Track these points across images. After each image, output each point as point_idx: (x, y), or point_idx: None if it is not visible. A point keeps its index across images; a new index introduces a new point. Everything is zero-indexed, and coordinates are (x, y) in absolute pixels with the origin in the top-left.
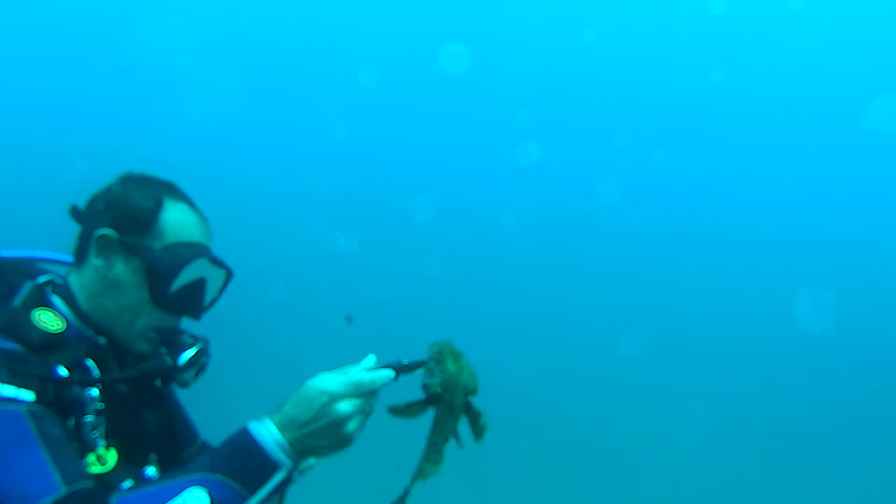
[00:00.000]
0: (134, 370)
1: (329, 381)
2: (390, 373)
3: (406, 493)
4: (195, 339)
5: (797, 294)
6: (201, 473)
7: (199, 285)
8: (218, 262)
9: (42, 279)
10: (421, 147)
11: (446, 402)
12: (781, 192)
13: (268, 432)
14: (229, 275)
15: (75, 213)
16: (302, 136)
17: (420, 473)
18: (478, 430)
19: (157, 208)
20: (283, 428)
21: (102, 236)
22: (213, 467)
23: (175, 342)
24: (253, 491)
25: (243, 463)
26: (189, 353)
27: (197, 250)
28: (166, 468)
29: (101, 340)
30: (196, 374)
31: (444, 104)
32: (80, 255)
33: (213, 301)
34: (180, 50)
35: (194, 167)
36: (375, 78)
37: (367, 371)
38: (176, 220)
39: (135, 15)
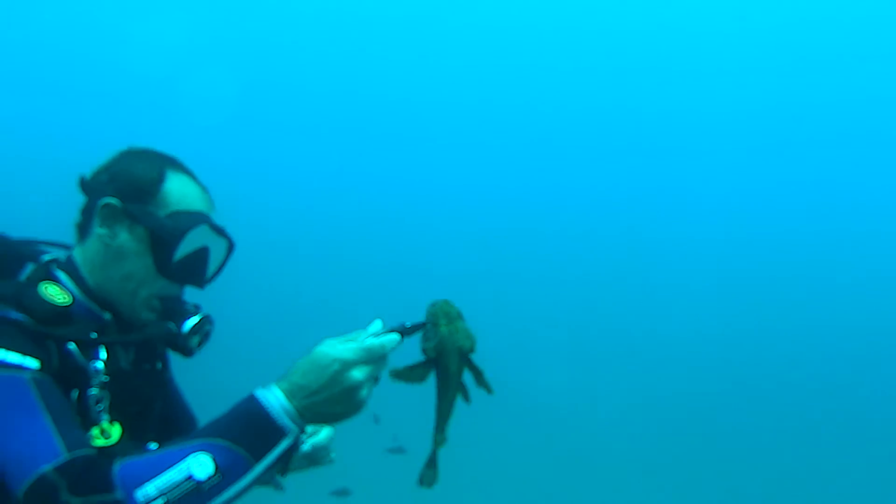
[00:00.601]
0: (138, 334)
1: (341, 349)
2: (397, 336)
3: (434, 458)
4: (198, 308)
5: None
6: (206, 439)
7: (202, 254)
8: (220, 231)
9: (46, 257)
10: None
11: (441, 367)
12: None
13: (275, 398)
14: (231, 246)
15: (82, 184)
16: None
17: (437, 443)
18: (484, 386)
19: (161, 178)
20: (290, 395)
21: (107, 205)
22: (219, 433)
23: (178, 311)
24: (259, 457)
25: (249, 429)
26: (193, 321)
27: (200, 218)
28: None
29: (107, 316)
30: (200, 343)
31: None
32: (84, 227)
33: (217, 272)
34: (172, 58)
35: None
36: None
37: (375, 336)
38: (179, 190)
39: (130, 22)
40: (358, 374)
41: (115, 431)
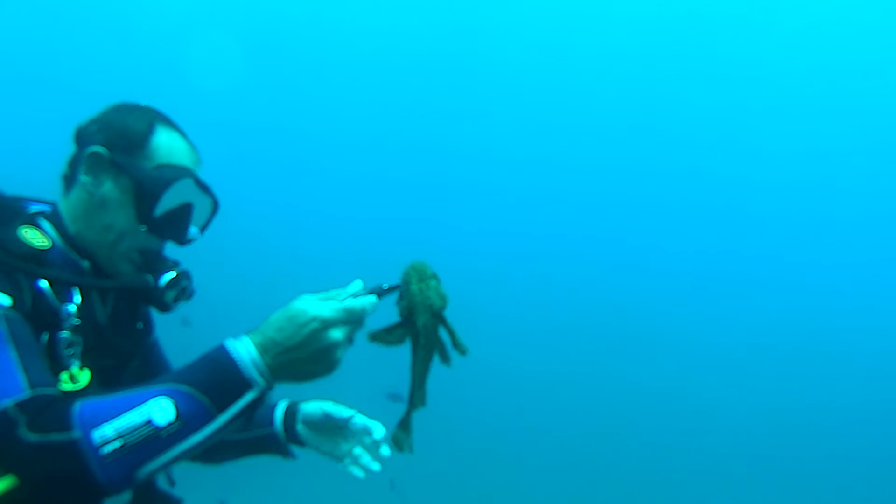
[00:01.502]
0: (113, 282)
1: (321, 307)
2: (374, 299)
3: (407, 420)
4: (178, 264)
5: None
6: (171, 384)
7: (185, 209)
8: (205, 188)
9: (34, 209)
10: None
11: (413, 325)
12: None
13: (245, 350)
14: (216, 205)
15: (77, 134)
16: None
17: (412, 404)
18: (458, 346)
19: (150, 131)
20: (263, 350)
21: (93, 153)
22: (184, 379)
23: (157, 265)
24: (222, 408)
25: (215, 378)
26: (170, 275)
27: (184, 172)
28: None
29: (85, 265)
30: (176, 299)
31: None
32: (71, 178)
33: (200, 231)
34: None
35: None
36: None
37: (355, 297)
38: (167, 144)
39: None
40: (337, 334)
41: (84, 377)
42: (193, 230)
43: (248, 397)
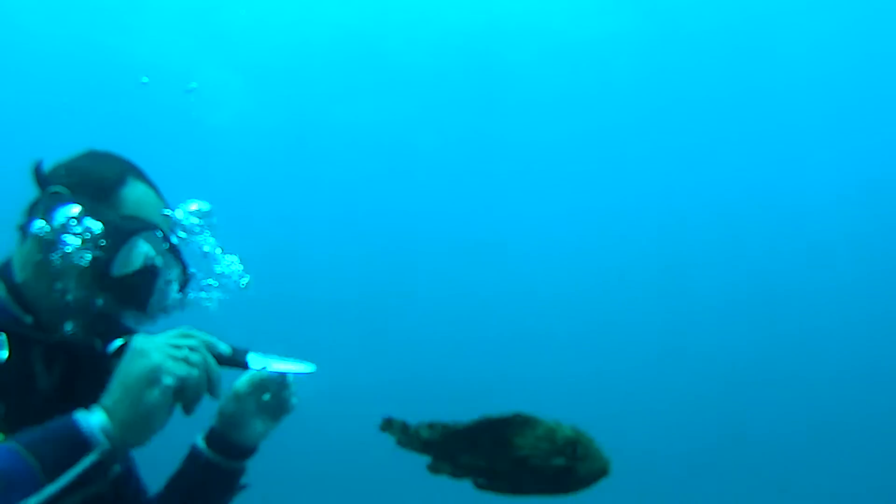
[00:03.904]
0: (46, 335)
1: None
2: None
3: None
4: (132, 331)
5: None
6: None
7: (148, 272)
8: (174, 251)
9: None
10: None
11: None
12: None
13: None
14: (186, 273)
15: (36, 172)
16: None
17: None
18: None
19: (121, 181)
20: (108, 407)
21: (54, 193)
22: (17, 436)
23: (110, 330)
24: (51, 474)
25: (48, 436)
26: (119, 342)
27: (153, 226)
28: None
29: (28, 320)
30: None
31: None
32: (27, 225)
33: (170, 303)
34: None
35: None
36: None
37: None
38: (138, 197)
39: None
40: (156, 356)
41: None
42: (160, 303)
43: (86, 462)
